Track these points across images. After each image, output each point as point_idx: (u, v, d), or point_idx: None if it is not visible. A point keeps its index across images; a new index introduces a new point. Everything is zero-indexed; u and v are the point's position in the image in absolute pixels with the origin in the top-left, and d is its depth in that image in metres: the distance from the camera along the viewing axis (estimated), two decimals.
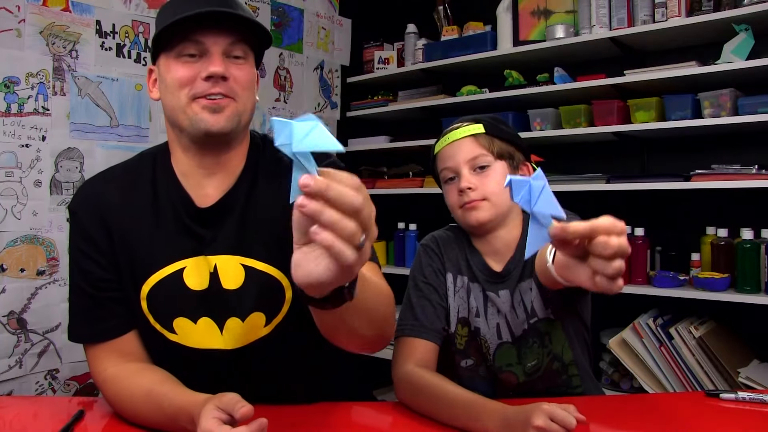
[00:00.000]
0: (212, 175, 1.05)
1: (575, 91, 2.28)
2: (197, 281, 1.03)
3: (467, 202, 1.14)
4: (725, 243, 1.99)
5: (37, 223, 1.94)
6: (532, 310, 1.14)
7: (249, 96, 1.03)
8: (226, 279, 1.03)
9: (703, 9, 2.04)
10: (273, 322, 1.05)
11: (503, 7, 2.53)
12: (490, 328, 1.17)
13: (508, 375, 1.16)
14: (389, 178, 2.87)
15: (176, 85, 0.98)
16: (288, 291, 1.04)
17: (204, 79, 0.97)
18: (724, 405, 1.06)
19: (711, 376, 1.92)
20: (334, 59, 2.96)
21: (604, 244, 0.64)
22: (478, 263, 1.20)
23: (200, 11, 0.94)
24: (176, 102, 0.99)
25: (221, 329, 1.04)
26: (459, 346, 1.20)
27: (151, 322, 1.04)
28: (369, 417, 1.04)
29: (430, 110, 2.75)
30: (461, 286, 1.20)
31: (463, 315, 1.19)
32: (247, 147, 1.09)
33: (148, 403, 0.94)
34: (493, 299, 1.17)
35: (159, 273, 1.03)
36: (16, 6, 1.88)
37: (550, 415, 0.83)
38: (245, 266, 1.03)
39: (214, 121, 0.98)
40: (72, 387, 2.01)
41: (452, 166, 1.17)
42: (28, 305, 1.91)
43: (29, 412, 1.06)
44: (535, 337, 1.14)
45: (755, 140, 2.10)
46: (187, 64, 0.98)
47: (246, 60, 1.02)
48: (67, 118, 2.01)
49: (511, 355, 1.16)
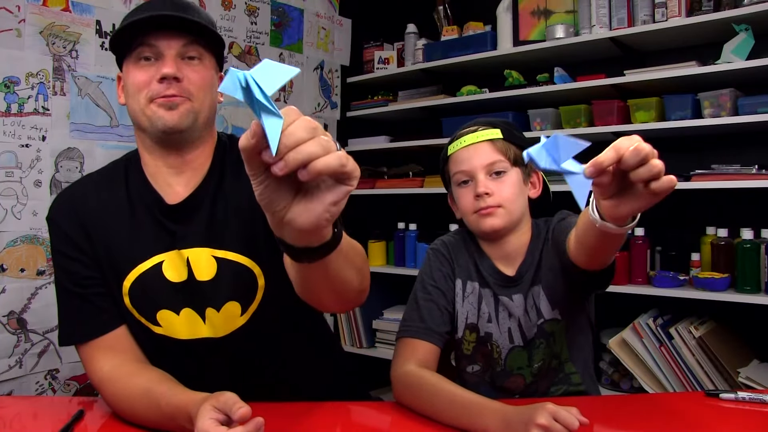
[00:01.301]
0: (179, 174, 1.08)
1: (575, 91, 2.28)
2: (175, 273, 1.06)
3: (483, 208, 1.13)
4: (725, 243, 1.99)
5: (37, 223, 1.94)
6: (539, 311, 1.15)
7: (205, 96, 1.06)
8: (199, 271, 1.06)
9: (703, 9, 2.04)
10: (249, 310, 1.08)
11: (503, 7, 2.53)
12: (501, 333, 1.17)
13: (517, 378, 1.17)
14: (389, 178, 2.87)
15: (135, 88, 1.03)
16: (260, 279, 1.07)
17: (158, 81, 1.01)
18: (724, 405, 1.06)
19: (711, 376, 1.92)
20: (334, 59, 2.96)
21: (634, 151, 0.69)
22: (489, 268, 1.20)
23: (150, 14, 0.99)
24: (136, 105, 1.03)
25: (204, 319, 1.07)
26: (466, 352, 1.20)
27: (136, 317, 1.07)
28: (366, 417, 1.04)
29: (430, 110, 2.75)
30: (471, 291, 1.20)
31: (472, 321, 1.19)
32: (213, 146, 1.13)
33: (146, 403, 0.95)
34: (506, 303, 1.17)
35: (138, 268, 1.06)
36: (16, 6, 1.88)
37: (553, 415, 0.84)
38: (216, 258, 1.07)
39: (169, 117, 1.01)
40: (72, 387, 2.01)
41: (468, 170, 1.16)
42: (28, 305, 1.91)
43: (29, 412, 1.06)
44: (542, 338, 1.16)
45: (755, 140, 2.10)
46: (143, 68, 1.02)
47: (201, 61, 1.06)
48: (67, 118, 2.01)
49: (522, 358, 1.17)
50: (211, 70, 1.09)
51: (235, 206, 1.08)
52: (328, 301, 0.91)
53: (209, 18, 1.10)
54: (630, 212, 0.77)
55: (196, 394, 0.90)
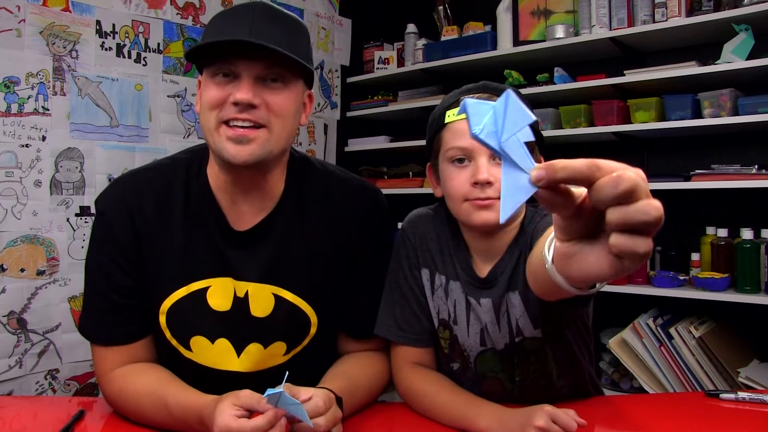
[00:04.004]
0: (248, 194, 1.01)
1: (575, 91, 2.28)
2: (221, 302, 1.01)
3: (480, 199, 0.94)
4: (725, 243, 1.99)
5: (37, 223, 1.94)
6: (518, 329, 1.00)
7: (284, 123, 0.95)
8: (255, 307, 1.02)
9: (703, 9, 2.04)
10: (292, 351, 1.05)
11: (503, 7, 2.53)
12: (470, 335, 1.04)
13: (493, 382, 1.06)
14: (389, 178, 2.87)
15: (207, 105, 0.94)
16: (313, 327, 1.05)
17: (232, 104, 0.92)
18: (724, 405, 1.05)
19: (711, 376, 1.92)
20: (334, 59, 2.95)
21: (614, 180, 0.41)
22: (462, 262, 1.05)
23: (230, 39, 0.89)
24: (206, 122, 0.95)
25: (238, 352, 1.03)
26: (444, 350, 1.09)
27: (167, 338, 1.03)
28: (369, 417, 1.03)
29: (430, 110, 2.74)
30: (439, 285, 1.07)
31: (444, 317, 1.07)
32: (285, 168, 1.05)
33: (153, 402, 0.94)
34: (474, 306, 1.02)
35: (182, 290, 1.00)
36: (16, 6, 1.88)
37: (552, 417, 0.83)
38: (276, 295, 1.02)
39: (236, 152, 0.92)
40: (72, 387, 2.01)
41: (467, 147, 0.95)
42: (28, 305, 1.91)
43: (29, 412, 1.06)
44: (520, 355, 1.02)
45: (755, 140, 2.10)
46: (219, 86, 0.93)
47: (285, 84, 0.95)
48: (67, 118, 2.01)
49: (495, 362, 1.05)
50: (297, 92, 0.97)
51: (310, 246, 1.03)
52: None
53: (301, 28, 0.99)
54: (581, 275, 0.48)
55: (206, 396, 0.89)
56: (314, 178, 1.08)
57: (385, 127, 3.03)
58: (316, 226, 1.04)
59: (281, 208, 1.03)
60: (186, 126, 2.34)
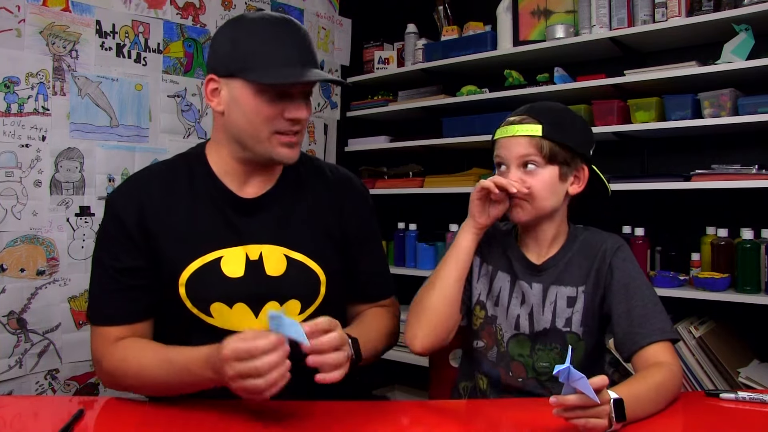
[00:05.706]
0: (253, 175, 1.17)
1: (575, 91, 2.28)
2: (233, 269, 1.12)
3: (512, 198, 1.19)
4: (725, 243, 1.99)
5: (37, 223, 1.94)
6: (568, 320, 1.19)
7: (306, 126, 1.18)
8: (270, 266, 1.14)
9: (703, 9, 2.04)
10: (307, 311, 1.17)
11: (503, 7, 2.53)
12: (508, 318, 1.22)
13: (518, 365, 1.21)
14: (389, 178, 2.87)
15: (260, 118, 1.08)
16: (323, 286, 1.18)
17: (287, 119, 1.09)
18: (724, 405, 1.06)
19: (711, 376, 1.92)
20: (334, 59, 2.95)
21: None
22: (516, 252, 1.26)
23: (294, 82, 1.07)
24: (254, 131, 1.10)
25: (256, 313, 1.12)
26: (474, 326, 1.27)
27: (188, 307, 1.11)
28: (368, 416, 1.04)
29: (430, 110, 2.75)
30: (485, 273, 1.27)
31: (482, 299, 1.26)
32: None
33: (158, 358, 1.02)
34: (524, 289, 1.22)
35: (197, 261, 1.11)
36: (16, 6, 1.88)
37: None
38: (287, 257, 1.15)
39: (290, 155, 1.12)
40: (72, 387, 2.01)
41: (505, 156, 1.21)
42: (28, 305, 1.91)
43: (29, 412, 1.06)
44: (557, 343, 1.19)
45: (755, 140, 2.10)
46: (272, 104, 1.08)
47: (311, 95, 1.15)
48: (67, 118, 2.01)
49: (525, 347, 1.21)
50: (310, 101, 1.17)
51: (317, 216, 1.19)
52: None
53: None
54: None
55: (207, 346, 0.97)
56: (303, 158, 1.26)
57: (385, 127, 3.03)
58: (313, 196, 1.22)
59: (282, 182, 1.20)
60: (186, 126, 2.34)
